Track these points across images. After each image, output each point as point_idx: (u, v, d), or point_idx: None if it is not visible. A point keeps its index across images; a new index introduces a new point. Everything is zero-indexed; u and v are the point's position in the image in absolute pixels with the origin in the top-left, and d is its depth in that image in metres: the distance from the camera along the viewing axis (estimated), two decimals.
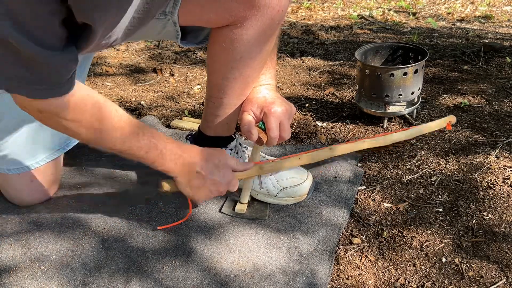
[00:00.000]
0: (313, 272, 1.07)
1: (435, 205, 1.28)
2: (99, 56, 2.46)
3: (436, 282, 1.06)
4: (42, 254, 1.13)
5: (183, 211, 1.25)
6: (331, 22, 3.02)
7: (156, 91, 2.08)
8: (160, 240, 1.16)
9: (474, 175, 1.39)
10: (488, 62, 2.14)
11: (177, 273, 1.07)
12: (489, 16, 3.05)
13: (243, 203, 1.26)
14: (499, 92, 1.86)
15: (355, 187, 1.35)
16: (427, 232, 1.19)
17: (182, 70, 2.28)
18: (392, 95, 1.59)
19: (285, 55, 2.38)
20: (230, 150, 1.28)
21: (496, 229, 1.19)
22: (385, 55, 1.75)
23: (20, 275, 1.07)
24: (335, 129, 1.68)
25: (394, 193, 1.34)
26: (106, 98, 1.01)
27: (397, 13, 3.20)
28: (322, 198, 1.29)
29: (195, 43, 1.20)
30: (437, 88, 1.94)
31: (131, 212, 1.26)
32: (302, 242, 1.14)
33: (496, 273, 1.07)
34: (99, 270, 1.08)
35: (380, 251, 1.15)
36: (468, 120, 1.68)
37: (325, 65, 2.25)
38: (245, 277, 1.06)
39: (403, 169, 1.43)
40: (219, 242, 1.15)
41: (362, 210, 1.28)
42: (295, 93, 1.98)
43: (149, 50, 2.57)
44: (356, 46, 2.43)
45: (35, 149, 1.27)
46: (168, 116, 1.85)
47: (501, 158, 1.45)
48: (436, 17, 3.06)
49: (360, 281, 1.08)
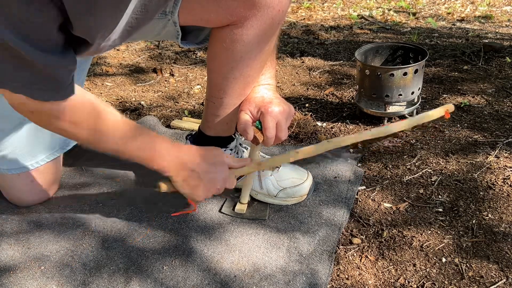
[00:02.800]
0: (313, 272, 1.07)
1: (435, 205, 1.28)
2: (99, 56, 2.46)
3: (436, 282, 1.06)
4: (42, 254, 1.13)
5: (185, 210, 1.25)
6: (331, 22, 3.02)
7: (156, 91, 2.08)
8: (160, 240, 1.16)
9: (474, 175, 1.39)
10: (488, 62, 2.14)
11: (177, 273, 1.07)
12: (489, 16, 3.05)
13: (243, 203, 1.26)
14: (499, 92, 1.86)
15: (355, 187, 1.35)
16: (427, 232, 1.19)
17: (182, 70, 2.28)
18: (392, 95, 1.59)
19: (285, 55, 2.38)
20: (230, 150, 1.28)
21: (496, 229, 1.19)
22: (385, 55, 1.75)
23: (20, 275, 1.07)
24: (335, 129, 1.68)
25: (394, 193, 1.34)
26: (99, 98, 1.01)
27: (397, 13, 3.20)
28: (322, 198, 1.29)
29: (195, 43, 1.20)
30: (437, 88, 1.94)
31: (131, 212, 1.26)
32: (302, 242, 1.14)
33: (496, 273, 1.07)
34: (99, 270, 1.08)
35: (380, 251, 1.15)
36: (468, 120, 1.68)
37: (325, 65, 2.25)
38: (245, 277, 1.06)
39: (403, 169, 1.43)
40: (219, 242, 1.15)
41: (362, 210, 1.28)
42: (295, 93, 1.98)
43: (149, 50, 2.57)
44: (356, 46, 2.43)
45: (35, 149, 1.27)
46: (168, 116, 1.85)
47: (501, 158, 1.45)
48: (436, 17, 3.06)
49: (360, 281, 1.08)
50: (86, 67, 1.35)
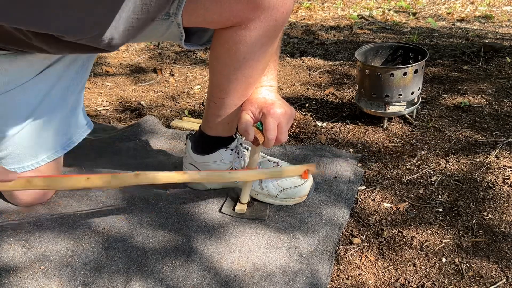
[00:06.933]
0: (313, 272, 1.07)
1: (435, 205, 1.28)
2: (99, 56, 2.46)
3: (436, 282, 1.06)
4: (42, 254, 1.13)
5: (184, 211, 1.25)
6: (331, 22, 3.02)
7: (156, 91, 2.08)
8: (160, 240, 1.16)
9: (474, 175, 1.39)
10: (488, 62, 2.14)
11: (177, 273, 1.07)
12: (489, 16, 3.05)
13: (243, 203, 1.26)
14: (499, 92, 1.86)
15: (355, 187, 1.35)
16: (427, 232, 1.20)
17: (182, 70, 2.28)
18: (392, 95, 1.59)
19: (285, 55, 2.38)
20: (231, 150, 1.28)
21: (496, 229, 1.19)
22: (385, 55, 1.75)
23: (20, 275, 1.07)
24: (335, 129, 1.68)
25: (394, 193, 1.34)
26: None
27: (397, 13, 3.20)
28: (322, 198, 1.29)
29: (198, 44, 1.20)
30: (437, 88, 1.94)
31: (131, 212, 1.26)
32: (302, 242, 1.14)
33: (496, 273, 1.07)
34: (99, 270, 1.08)
35: (380, 251, 1.15)
36: (468, 120, 1.68)
37: (325, 65, 2.25)
38: (245, 277, 1.06)
39: (403, 169, 1.43)
40: (219, 242, 1.15)
41: (362, 210, 1.28)
42: (295, 93, 1.98)
43: (149, 50, 2.57)
44: (356, 46, 2.43)
45: (36, 149, 1.27)
46: (168, 116, 1.85)
47: (501, 158, 1.45)
48: (436, 17, 3.07)
49: (360, 281, 1.08)
50: (89, 67, 1.35)
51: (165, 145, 1.60)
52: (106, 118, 1.87)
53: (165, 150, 1.57)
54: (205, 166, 1.28)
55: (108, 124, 1.80)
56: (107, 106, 1.96)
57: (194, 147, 1.30)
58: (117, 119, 1.85)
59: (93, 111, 1.92)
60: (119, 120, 1.85)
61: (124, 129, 1.69)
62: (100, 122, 1.81)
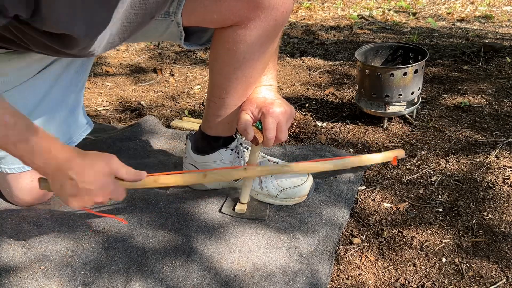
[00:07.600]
0: (313, 272, 1.07)
1: (435, 205, 1.28)
2: (99, 56, 2.46)
3: (436, 282, 1.06)
4: (42, 254, 1.13)
5: (184, 211, 1.25)
6: (331, 22, 3.02)
7: (156, 91, 2.08)
8: (160, 240, 1.16)
9: (474, 175, 1.39)
10: (488, 62, 2.14)
11: (177, 273, 1.07)
12: (489, 16, 3.05)
13: (243, 203, 1.26)
14: (499, 92, 1.86)
15: (355, 187, 1.35)
16: (427, 232, 1.19)
17: (182, 70, 2.28)
18: (392, 95, 1.59)
19: (285, 55, 2.38)
20: (231, 150, 1.28)
21: (496, 229, 1.19)
22: (385, 55, 1.75)
23: (20, 275, 1.07)
24: (335, 129, 1.68)
25: (394, 193, 1.34)
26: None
27: (397, 13, 3.20)
28: (322, 198, 1.29)
29: (198, 44, 1.20)
30: (437, 88, 1.94)
31: (131, 212, 1.26)
32: (302, 242, 1.14)
33: (496, 273, 1.07)
34: (99, 270, 1.08)
35: (380, 251, 1.15)
36: (468, 120, 1.68)
37: (325, 65, 2.25)
38: (245, 277, 1.06)
39: (403, 169, 1.43)
40: (219, 242, 1.15)
41: (362, 210, 1.28)
42: (295, 93, 1.98)
43: (149, 50, 2.57)
44: (356, 46, 2.43)
45: None
46: (168, 116, 1.85)
47: (501, 158, 1.45)
48: (436, 17, 3.07)
49: (360, 281, 1.08)
50: (89, 67, 1.35)
51: (165, 145, 1.60)
52: (106, 118, 1.87)
53: (165, 150, 1.57)
54: (205, 166, 1.28)
55: (108, 124, 1.80)
56: (107, 106, 1.96)
57: (194, 147, 1.30)
58: (117, 119, 1.86)
59: (93, 111, 1.92)
60: (119, 120, 1.85)
61: (124, 129, 1.69)
62: (100, 122, 1.81)
